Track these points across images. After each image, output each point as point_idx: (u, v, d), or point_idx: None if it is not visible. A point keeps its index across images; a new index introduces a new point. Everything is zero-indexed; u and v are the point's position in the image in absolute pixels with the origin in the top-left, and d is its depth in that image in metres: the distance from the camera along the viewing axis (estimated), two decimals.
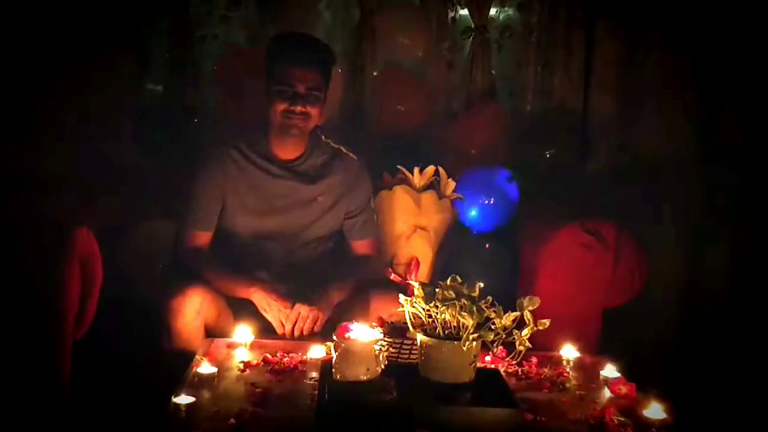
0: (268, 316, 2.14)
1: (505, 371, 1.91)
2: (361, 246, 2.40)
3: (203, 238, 2.29)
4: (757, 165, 2.87)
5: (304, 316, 2.12)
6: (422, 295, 1.68)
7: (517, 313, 1.66)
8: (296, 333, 2.12)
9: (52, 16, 2.60)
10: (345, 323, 1.71)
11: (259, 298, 2.14)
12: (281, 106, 2.21)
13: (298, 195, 2.31)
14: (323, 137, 2.37)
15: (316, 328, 2.13)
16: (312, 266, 2.33)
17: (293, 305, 2.13)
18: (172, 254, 2.35)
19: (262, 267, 2.28)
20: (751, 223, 2.87)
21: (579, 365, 2.01)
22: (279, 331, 2.13)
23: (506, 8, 3.06)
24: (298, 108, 2.20)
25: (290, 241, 2.32)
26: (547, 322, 1.67)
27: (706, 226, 2.94)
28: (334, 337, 1.68)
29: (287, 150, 2.31)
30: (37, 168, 2.50)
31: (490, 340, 1.63)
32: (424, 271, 2.52)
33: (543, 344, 1.90)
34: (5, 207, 2.07)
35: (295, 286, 2.20)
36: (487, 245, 2.50)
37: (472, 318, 1.62)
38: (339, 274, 2.29)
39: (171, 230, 2.38)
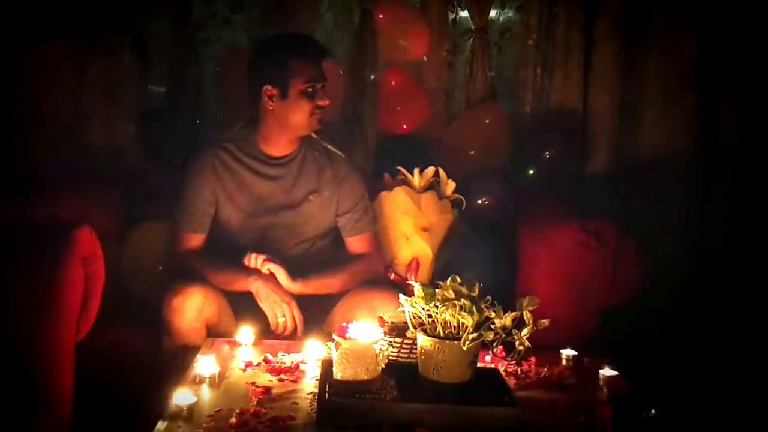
0: (264, 306, 2.13)
1: (504, 371, 1.92)
2: (355, 242, 2.37)
3: (196, 240, 2.29)
4: (757, 165, 2.88)
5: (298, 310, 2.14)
6: (422, 295, 1.68)
7: (517, 313, 1.66)
8: (290, 324, 2.13)
9: (54, 16, 2.62)
10: (345, 323, 1.72)
11: (258, 286, 2.13)
12: (309, 105, 2.22)
13: (290, 194, 2.31)
14: (313, 134, 2.37)
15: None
16: (307, 265, 2.33)
17: (289, 299, 2.14)
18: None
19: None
20: (751, 222, 2.88)
21: (578, 364, 2.02)
22: (273, 322, 2.14)
23: (506, 10, 3.09)
24: (327, 102, 2.24)
25: (284, 240, 2.32)
26: (546, 321, 1.67)
27: (706, 226, 2.94)
28: (335, 337, 1.69)
29: (280, 148, 2.31)
30: (39, 168, 2.51)
31: (489, 339, 1.64)
32: (424, 272, 2.53)
33: (542, 344, 1.90)
34: (6, 207, 2.08)
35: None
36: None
37: (471, 318, 1.62)
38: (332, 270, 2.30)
39: (172, 231, 2.39)
